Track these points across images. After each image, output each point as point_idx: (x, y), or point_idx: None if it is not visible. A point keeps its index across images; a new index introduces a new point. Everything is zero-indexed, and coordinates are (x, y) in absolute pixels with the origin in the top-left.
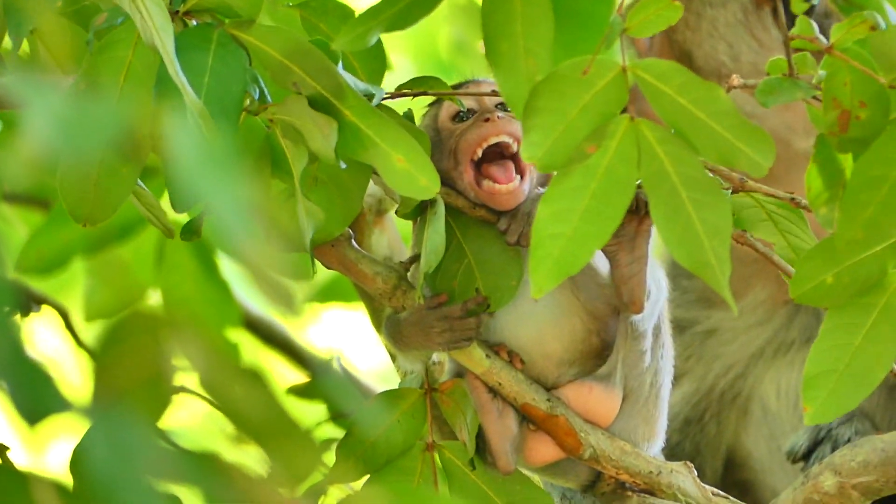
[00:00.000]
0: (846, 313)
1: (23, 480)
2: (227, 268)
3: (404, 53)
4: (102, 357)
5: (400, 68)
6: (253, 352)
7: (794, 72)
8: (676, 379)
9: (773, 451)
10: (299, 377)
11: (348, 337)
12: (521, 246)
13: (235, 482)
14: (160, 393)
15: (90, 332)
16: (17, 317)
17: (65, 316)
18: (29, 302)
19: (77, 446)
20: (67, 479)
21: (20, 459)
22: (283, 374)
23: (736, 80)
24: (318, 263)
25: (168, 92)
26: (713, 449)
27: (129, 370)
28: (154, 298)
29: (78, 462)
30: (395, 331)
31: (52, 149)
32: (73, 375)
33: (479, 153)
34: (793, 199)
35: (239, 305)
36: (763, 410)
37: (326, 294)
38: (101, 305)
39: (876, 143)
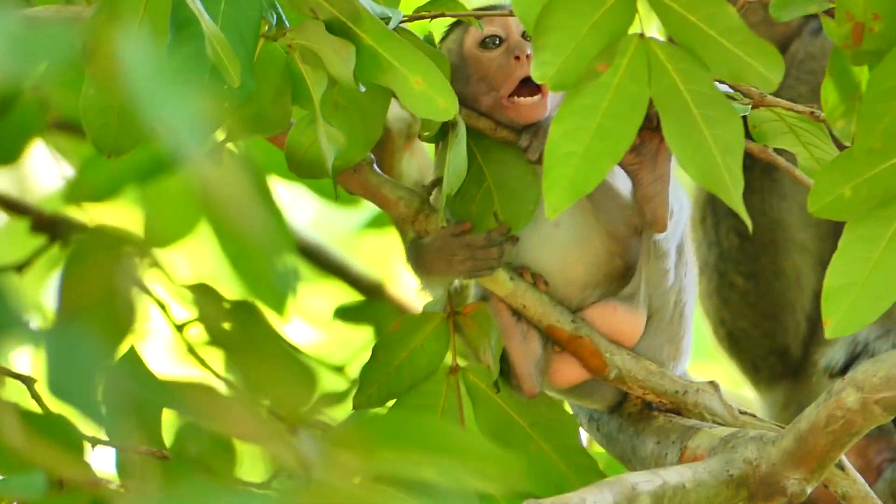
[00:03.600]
0: (865, 226)
1: None
2: (280, 194)
3: None
4: (65, 276)
5: None
6: (307, 276)
7: None
8: None
9: None
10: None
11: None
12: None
13: (201, 404)
14: (123, 312)
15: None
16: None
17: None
18: (71, 233)
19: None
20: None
21: None
22: (336, 299)
23: None
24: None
25: (185, 20)
26: None
27: (92, 289)
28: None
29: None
30: (418, 256)
31: (8, 63)
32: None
33: (503, 83)
34: (812, 112)
35: (292, 231)
36: None
37: (377, 222)
38: (160, 233)
39: (890, 54)
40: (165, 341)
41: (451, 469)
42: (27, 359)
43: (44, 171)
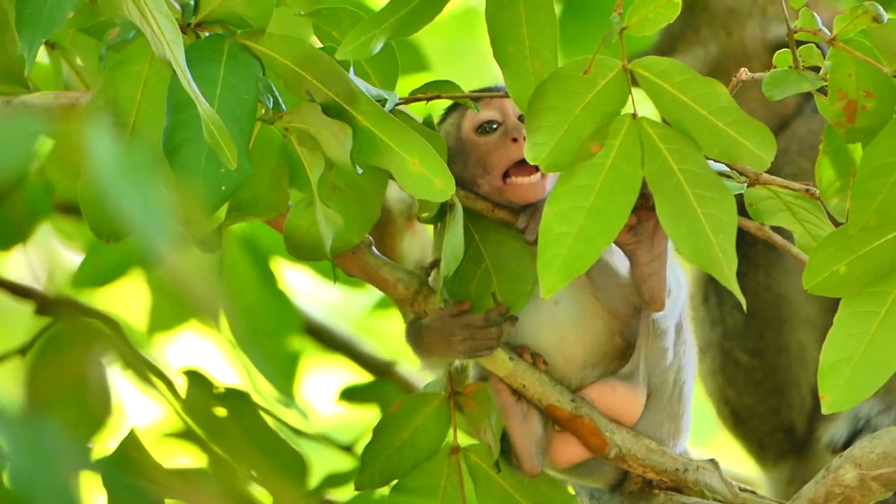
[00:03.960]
0: (860, 302)
1: None
2: (286, 276)
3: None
4: (36, 366)
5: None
6: (315, 357)
7: (799, 64)
8: None
9: None
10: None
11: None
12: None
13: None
14: (96, 404)
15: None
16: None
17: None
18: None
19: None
20: None
21: None
22: (345, 379)
23: (744, 73)
24: (339, 271)
25: (181, 104)
26: None
27: (63, 379)
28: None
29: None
30: (417, 337)
31: None
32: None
33: (499, 167)
34: (807, 190)
35: (299, 312)
36: None
37: (385, 302)
38: (163, 318)
39: (883, 131)
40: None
41: None
42: None
43: (49, 254)
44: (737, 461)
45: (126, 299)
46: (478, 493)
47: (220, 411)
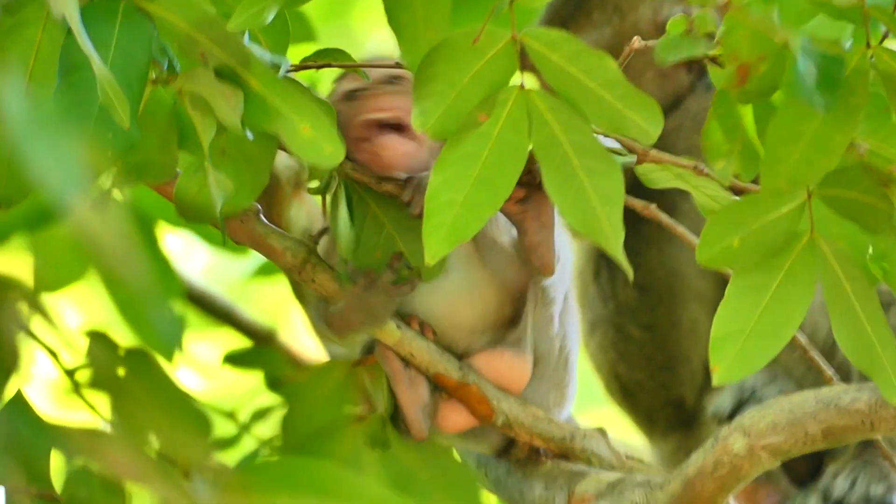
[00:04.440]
0: (752, 275)
1: None
2: (168, 241)
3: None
4: None
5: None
6: (197, 324)
7: (693, 30)
8: None
9: None
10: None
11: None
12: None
13: (91, 447)
14: (6, 357)
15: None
16: None
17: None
18: None
19: None
20: None
21: None
22: (228, 346)
23: (637, 41)
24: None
25: (73, 65)
26: None
27: None
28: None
29: None
30: (335, 321)
31: None
32: None
33: (363, 132)
34: (696, 167)
35: (180, 278)
36: None
37: (266, 269)
38: (49, 279)
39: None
40: (52, 387)
41: None
42: None
43: None
44: (622, 432)
45: (7, 264)
46: (384, 464)
47: (122, 371)
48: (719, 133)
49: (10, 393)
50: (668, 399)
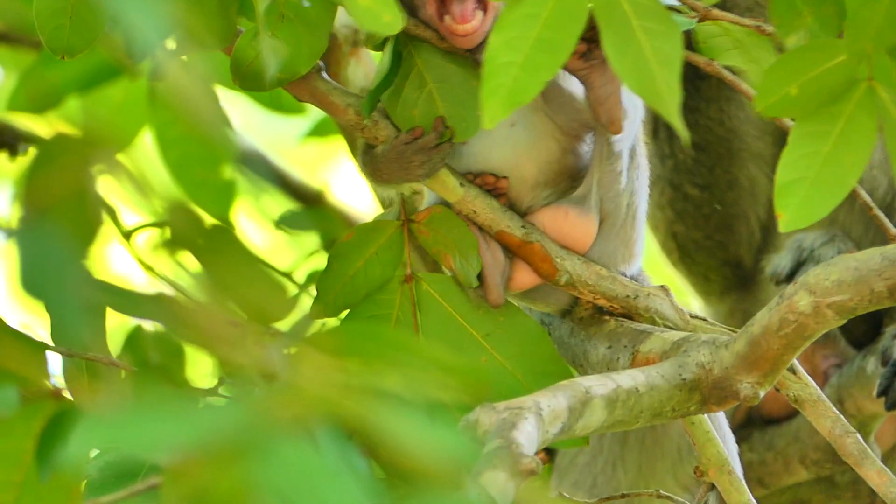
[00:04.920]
0: (814, 122)
1: None
2: (222, 105)
3: None
4: (29, 179)
5: None
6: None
7: None
8: None
9: None
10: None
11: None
12: None
13: (165, 310)
14: (90, 215)
15: None
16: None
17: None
18: (18, 141)
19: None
20: None
21: None
22: (277, 208)
23: None
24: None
25: None
26: None
27: (56, 191)
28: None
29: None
30: (373, 166)
31: None
32: None
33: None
34: (758, 26)
35: (233, 142)
36: None
37: (319, 130)
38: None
39: None
40: (119, 248)
41: (413, 379)
42: None
43: None
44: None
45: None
46: (429, 322)
47: (198, 236)
48: (784, 6)
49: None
50: (726, 259)
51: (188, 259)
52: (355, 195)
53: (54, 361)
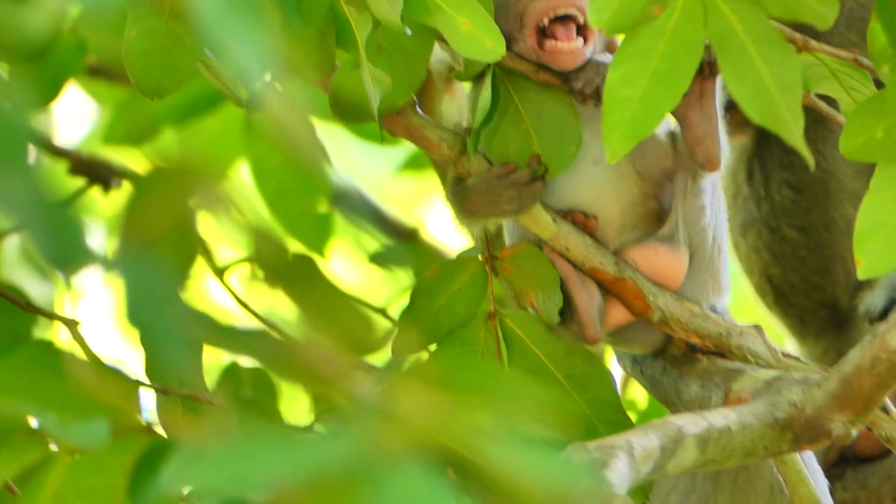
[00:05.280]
0: None
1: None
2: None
3: None
4: (127, 212)
5: None
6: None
7: None
8: None
9: None
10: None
11: (432, 208)
12: (596, 99)
13: (261, 345)
14: (186, 249)
15: None
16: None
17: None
18: (111, 176)
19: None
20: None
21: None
22: (372, 243)
23: None
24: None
25: None
26: None
27: (154, 225)
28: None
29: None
30: (462, 198)
31: None
32: None
33: (546, 22)
34: (856, 59)
35: (330, 175)
36: None
37: (414, 163)
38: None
39: None
40: (210, 282)
41: (508, 412)
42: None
43: (79, 114)
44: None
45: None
46: (512, 360)
47: (286, 270)
48: (883, 37)
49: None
50: (822, 300)
51: (280, 293)
52: (450, 232)
53: (148, 396)
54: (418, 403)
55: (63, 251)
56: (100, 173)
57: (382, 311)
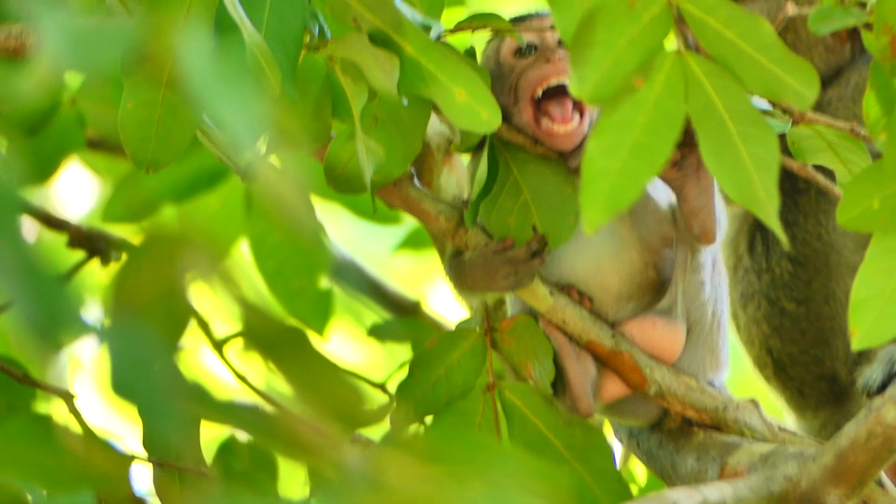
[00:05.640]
0: (893, 237)
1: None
2: (317, 213)
3: None
4: (121, 278)
5: None
6: (342, 295)
7: None
8: None
9: None
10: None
11: (433, 283)
12: None
13: (252, 419)
14: (177, 313)
15: None
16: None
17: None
18: (109, 249)
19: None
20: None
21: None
22: (372, 319)
23: (791, 7)
24: (378, 204)
25: (227, 28)
26: None
27: (146, 295)
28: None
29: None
30: (459, 272)
31: (62, 64)
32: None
33: (539, 93)
34: (852, 129)
35: (329, 252)
36: None
37: (412, 241)
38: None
39: None
40: (204, 355)
41: (501, 485)
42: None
43: (79, 188)
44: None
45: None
46: (511, 432)
47: (276, 343)
48: (877, 106)
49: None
50: (822, 373)
51: (272, 366)
52: (451, 306)
53: (144, 469)
54: (409, 476)
55: (55, 323)
56: (99, 246)
57: (381, 387)
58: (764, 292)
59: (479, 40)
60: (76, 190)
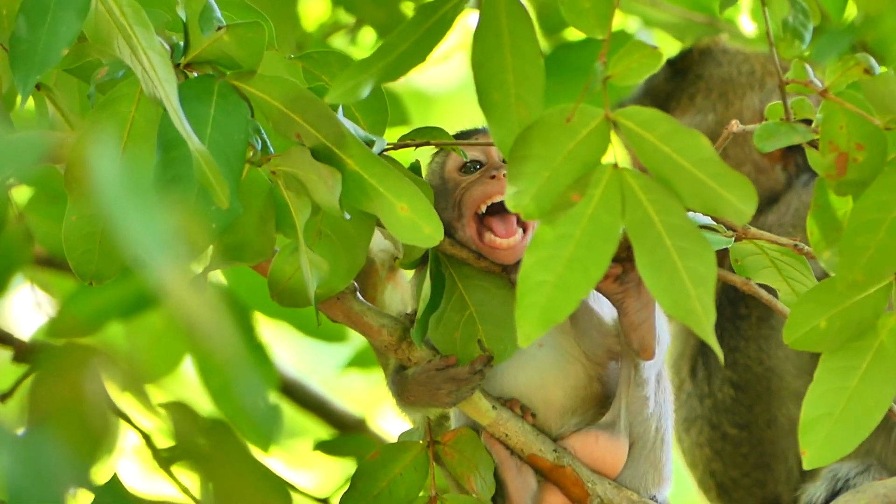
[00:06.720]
0: (840, 357)
1: None
2: (264, 331)
3: None
4: (36, 386)
5: None
6: (289, 413)
7: (790, 116)
8: None
9: None
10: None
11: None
12: None
13: None
14: (96, 429)
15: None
16: None
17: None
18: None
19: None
20: None
21: None
22: (318, 436)
23: (735, 125)
24: (323, 316)
25: (172, 142)
26: None
27: (63, 399)
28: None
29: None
30: (401, 387)
31: None
32: None
33: (483, 209)
34: (795, 245)
35: (276, 368)
36: None
37: (359, 360)
38: (144, 369)
39: (871, 187)
40: (136, 459)
41: None
42: None
43: (27, 305)
44: None
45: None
46: None
47: (205, 442)
48: (821, 225)
49: (105, 474)
50: (764, 496)
51: (195, 467)
52: (396, 423)
53: None
54: None
55: None
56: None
57: (325, 501)
58: (706, 417)
59: (424, 154)
60: (24, 306)
